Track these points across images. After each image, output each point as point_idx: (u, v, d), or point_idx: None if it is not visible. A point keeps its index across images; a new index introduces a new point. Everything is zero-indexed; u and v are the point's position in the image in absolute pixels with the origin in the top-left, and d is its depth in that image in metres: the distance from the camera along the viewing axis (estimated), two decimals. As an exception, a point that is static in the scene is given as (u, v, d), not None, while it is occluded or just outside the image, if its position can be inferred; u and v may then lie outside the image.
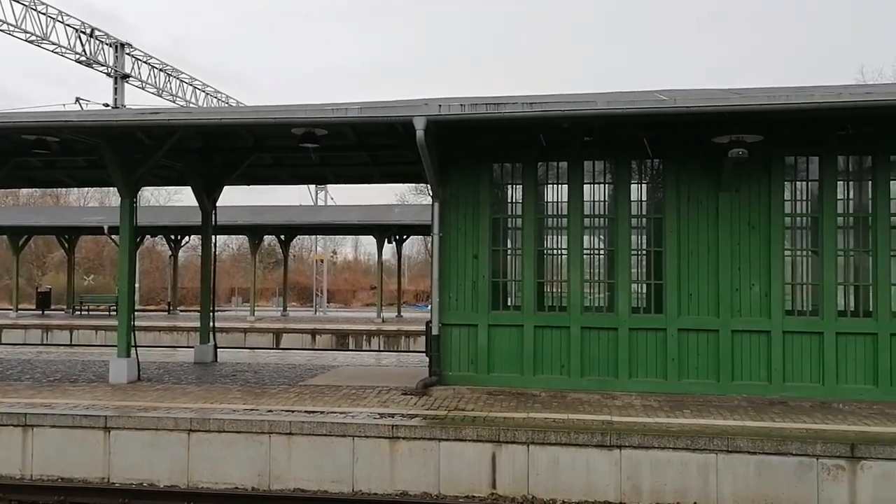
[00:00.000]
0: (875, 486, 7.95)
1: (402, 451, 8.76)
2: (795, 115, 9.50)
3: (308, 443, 8.91)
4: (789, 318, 10.72)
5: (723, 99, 9.51)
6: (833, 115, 9.67)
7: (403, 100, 11.25)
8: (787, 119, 10.01)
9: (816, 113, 9.36)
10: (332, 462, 8.84)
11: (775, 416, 9.53)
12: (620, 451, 8.45)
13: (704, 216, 10.92)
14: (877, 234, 10.49)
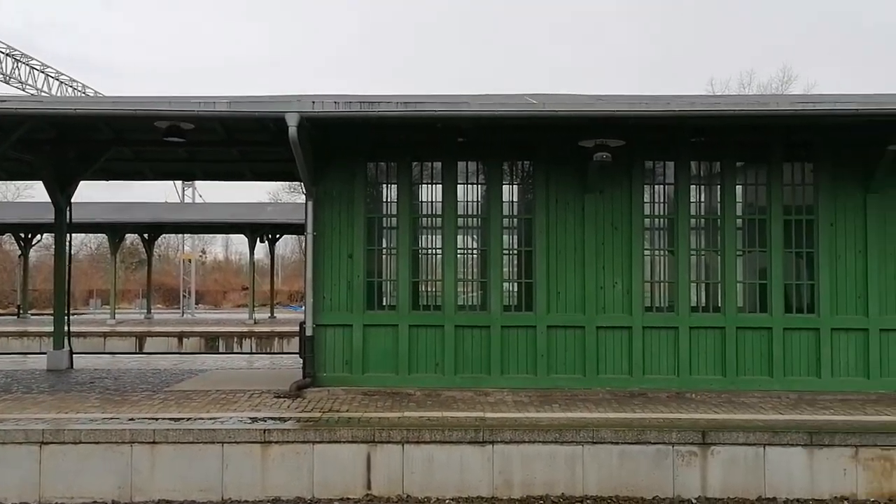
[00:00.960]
0: (723, 469, 8.56)
1: (275, 456, 8.55)
2: (653, 121, 10.07)
3: (173, 451, 8.52)
4: (648, 314, 11.35)
5: (588, 105, 9.94)
6: (686, 122, 10.32)
7: (275, 95, 11.00)
8: (646, 125, 10.57)
9: (672, 120, 9.96)
10: (199, 470, 8.50)
11: (636, 407, 10.05)
12: (493, 446, 8.63)
13: (572, 217, 11.35)
14: (724, 235, 11.29)
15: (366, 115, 9.89)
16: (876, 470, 8.50)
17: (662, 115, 9.69)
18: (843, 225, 11.17)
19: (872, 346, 10.99)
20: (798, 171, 11.38)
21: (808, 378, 11.06)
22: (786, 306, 11.23)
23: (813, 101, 10.06)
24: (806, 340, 11.12)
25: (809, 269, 11.33)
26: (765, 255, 11.32)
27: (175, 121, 10.33)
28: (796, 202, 11.35)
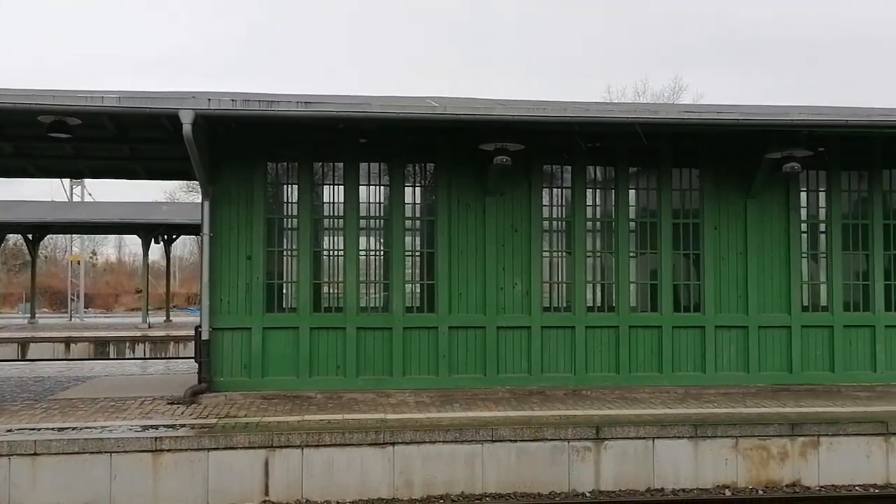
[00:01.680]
0: (615, 462, 8.89)
1: (167, 465, 8.26)
2: (551, 127, 10.35)
3: (57, 463, 8.09)
4: (547, 314, 11.65)
5: (488, 109, 10.11)
6: (582, 128, 10.66)
7: (169, 91, 10.62)
8: (544, 130, 10.84)
9: (568, 126, 10.27)
10: (85, 482, 8.10)
11: (534, 405, 10.30)
12: (394, 447, 8.64)
13: (473, 219, 11.52)
14: (618, 237, 11.73)
15: (264, 115, 9.70)
16: (754, 459, 9.03)
17: (559, 121, 9.97)
18: (727, 228, 11.83)
19: (752, 342, 11.68)
20: (686, 176, 11.96)
21: (695, 374, 11.64)
22: (674, 305, 11.78)
23: (698, 111, 10.62)
24: (693, 338, 11.69)
25: (696, 270, 11.93)
26: (656, 257, 11.84)
27: (60, 115, 9.80)
28: (684, 206, 11.93)
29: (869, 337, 11.83)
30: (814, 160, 11.25)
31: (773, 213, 11.84)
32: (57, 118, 9.86)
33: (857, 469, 9.06)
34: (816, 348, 11.79)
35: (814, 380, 11.68)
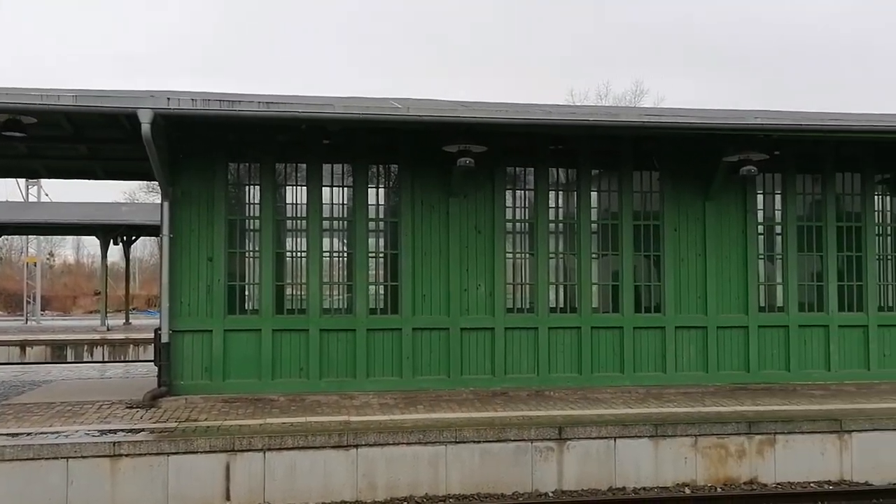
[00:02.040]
0: (578, 462, 8.98)
1: (126, 470, 8.11)
2: (514, 129, 10.41)
3: (10, 469, 7.89)
4: (510, 315, 11.71)
5: (452, 111, 10.13)
6: (544, 130, 10.75)
7: (127, 90, 10.45)
8: (507, 132, 10.90)
9: (531, 128, 10.34)
10: (41, 489, 7.92)
11: (498, 406, 10.34)
12: (357, 450, 8.61)
13: (437, 220, 11.53)
14: (580, 239, 11.84)
15: (225, 115, 9.59)
16: (713, 457, 9.19)
17: (521, 123, 10.04)
18: (686, 230, 12.02)
19: (711, 342, 11.88)
20: (646, 179, 12.12)
21: (656, 373, 11.80)
22: (636, 306, 11.92)
23: (657, 115, 10.78)
24: (653, 338, 11.85)
25: (657, 272, 12.10)
26: (617, 258, 11.98)
27: (14, 114, 9.56)
28: (645, 208, 12.10)
29: (823, 337, 12.12)
30: (770, 163, 11.50)
31: (730, 215, 12.07)
32: (11, 117, 9.63)
33: (811, 466, 9.27)
34: (773, 348, 12.04)
35: (770, 379, 11.92)
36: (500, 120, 9.95)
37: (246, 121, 10.03)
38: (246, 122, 10.15)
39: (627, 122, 10.41)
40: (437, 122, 9.90)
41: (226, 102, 9.57)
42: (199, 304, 10.91)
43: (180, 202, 10.84)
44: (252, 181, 11.34)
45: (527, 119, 9.92)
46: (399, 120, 9.88)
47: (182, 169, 10.84)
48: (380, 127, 10.66)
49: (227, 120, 10.05)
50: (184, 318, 10.81)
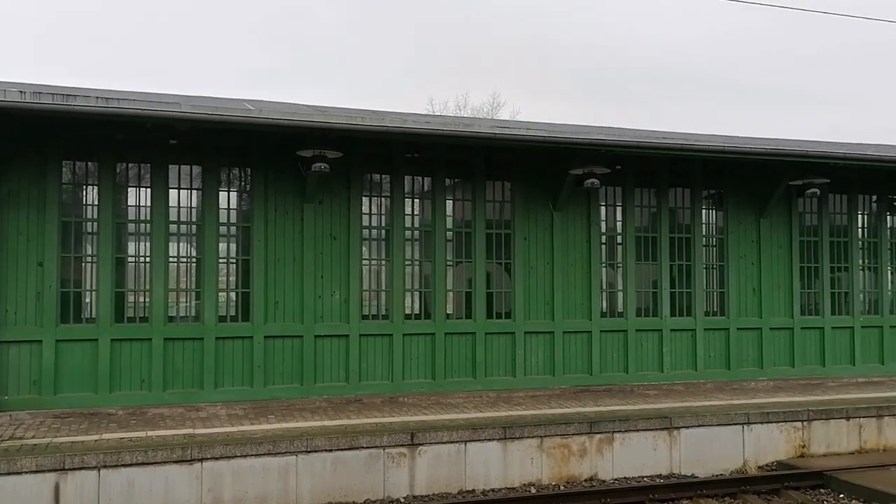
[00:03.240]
0: (429, 467, 9.09)
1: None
2: (369, 136, 10.40)
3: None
4: (366, 322, 11.69)
5: (306, 115, 9.99)
6: (400, 138, 10.83)
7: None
8: (363, 139, 10.89)
9: (386, 136, 10.39)
10: None
11: (351, 413, 10.28)
12: (202, 464, 8.27)
13: (291, 226, 11.32)
14: (436, 247, 12.03)
15: (57, 109, 8.88)
16: (557, 457, 9.60)
17: (377, 130, 10.06)
18: (535, 239, 12.51)
19: (557, 347, 12.42)
20: (498, 189, 12.52)
21: (506, 378, 12.18)
22: (488, 313, 12.25)
23: (508, 127, 11.17)
24: (504, 343, 12.24)
25: (508, 279, 12.50)
26: (471, 266, 12.27)
27: None
28: (497, 217, 12.48)
29: (657, 340, 12.99)
30: (612, 177, 12.22)
31: (576, 226, 12.70)
32: None
33: (645, 461, 9.90)
34: (613, 351, 12.77)
35: (611, 380, 12.63)
36: (354, 126, 9.92)
37: (82, 117, 9.37)
38: (83, 118, 9.49)
39: (480, 134, 10.71)
40: (291, 126, 9.72)
41: (59, 97, 8.91)
42: (27, 312, 10.09)
43: (7, 202, 10.00)
44: (90, 181, 10.63)
45: (381, 126, 9.95)
46: (250, 122, 9.61)
47: (9, 167, 10.01)
48: (231, 129, 10.32)
49: (62, 115, 9.35)
50: (9, 328, 9.96)
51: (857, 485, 9.13)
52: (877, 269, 14.41)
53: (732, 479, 9.58)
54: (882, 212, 14.49)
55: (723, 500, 9.03)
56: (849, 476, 9.41)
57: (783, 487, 9.34)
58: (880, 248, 14.41)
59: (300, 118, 9.74)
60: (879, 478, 9.35)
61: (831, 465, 9.97)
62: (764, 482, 9.45)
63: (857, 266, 14.20)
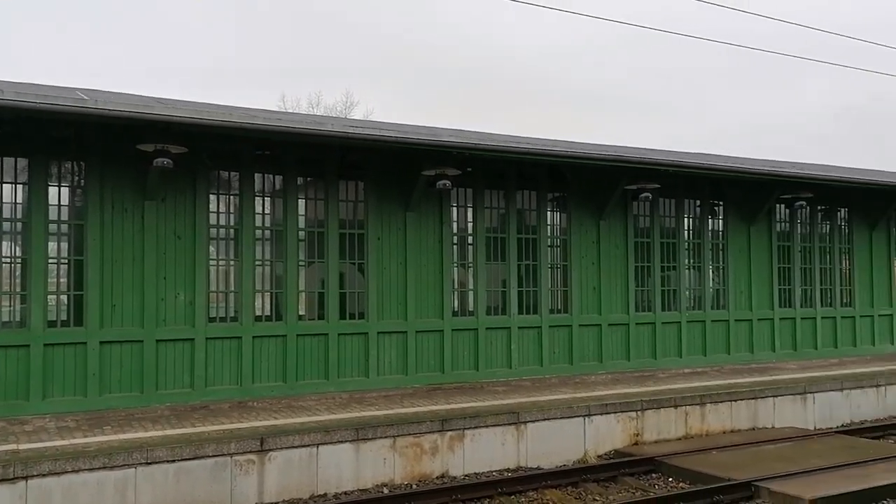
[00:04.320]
0: (280, 473, 8.88)
1: None
2: (217, 131, 9.98)
3: None
4: (213, 324, 11.25)
5: (145, 107, 9.44)
6: (249, 135, 10.48)
7: None
8: (210, 134, 10.42)
9: (234, 132, 10.03)
10: None
11: (196, 421, 9.84)
12: (27, 482, 7.62)
13: (130, 225, 10.68)
14: (287, 246, 11.78)
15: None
16: (409, 455, 9.69)
17: (225, 126, 9.69)
18: (388, 239, 12.56)
19: (410, 346, 12.54)
20: (352, 188, 12.45)
21: (359, 378, 12.15)
22: (341, 313, 12.16)
23: (360, 127, 11.12)
24: (357, 344, 12.19)
25: (361, 279, 12.47)
26: (323, 266, 12.12)
27: None
28: (350, 217, 12.41)
29: (506, 337, 13.44)
30: (463, 179, 12.49)
31: (429, 226, 12.87)
32: None
33: (494, 456, 10.21)
34: (464, 349, 13.06)
35: (462, 378, 12.92)
36: (199, 121, 9.48)
37: None
38: None
39: (332, 133, 10.57)
40: (128, 118, 9.15)
41: None
42: None
43: None
44: None
45: (229, 122, 9.59)
46: (83, 113, 8.95)
47: None
48: (62, 119, 9.57)
49: None
50: None
51: (684, 468, 9.90)
52: (700, 268, 15.68)
53: (574, 468, 10.08)
54: (705, 215, 15.79)
55: (565, 489, 9.48)
56: (676, 460, 10.18)
57: (619, 474, 9.95)
58: (703, 248, 15.70)
59: (139, 110, 9.19)
60: (703, 460, 10.18)
61: (662, 451, 10.73)
62: (602, 470, 10.03)
63: (683, 265, 15.38)
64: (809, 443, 11.23)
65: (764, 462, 9.99)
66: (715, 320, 15.61)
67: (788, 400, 12.78)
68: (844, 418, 13.31)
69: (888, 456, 10.19)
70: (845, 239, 17.58)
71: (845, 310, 17.36)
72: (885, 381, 14.06)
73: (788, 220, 16.79)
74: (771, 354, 16.17)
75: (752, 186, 15.49)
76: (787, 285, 16.60)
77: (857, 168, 18.41)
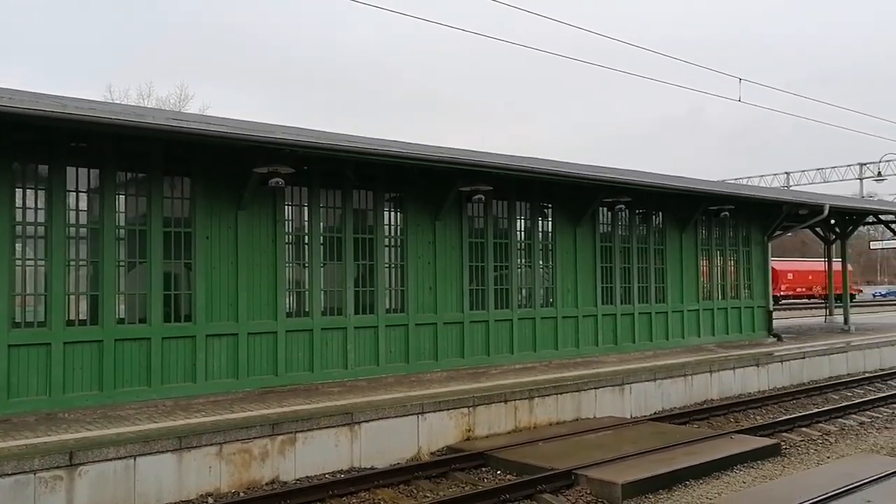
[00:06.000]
0: (92, 488, 8.25)
1: None
2: (21, 120, 9.09)
3: None
4: (17, 330, 10.36)
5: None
6: (59, 125, 9.63)
7: None
8: (13, 123, 9.46)
9: (44, 121, 9.20)
10: None
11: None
12: None
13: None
14: (104, 246, 10.99)
15: None
16: (237, 463, 9.34)
17: (29, 114, 8.82)
18: (218, 238, 12.06)
19: (241, 349, 12.12)
20: (178, 184, 11.84)
21: (186, 384, 11.58)
22: (165, 316, 11.52)
23: (187, 120, 10.57)
24: (183, 348, 11.61)
25: (189, 279, 11.88)
26: (146, 266, 11.42)
27: None
28: (176, 215, 11.79)
29: (342, 338, 13.31)
30: (299, 177, 12.25)
31: (262, 225, 12.50)
32: None
33: (327, 458, 10.07)
34: (299, 351, 12.80)
35: (297, 380, 12.65)
36: (1, 108, 8.61)
37: None
38: None
39: (155, 126, 9.95)
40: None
41: None
42: None
43: None
44: None
45: (34, 110, 8.76)
46: None
47: None
48: None
49: None
50: None
51: (511, 460, 10.27)
52: (531, 268, 16.36)
53: (407, 467, 10.17)
54: (535, 217, 16.49)
55: (397, 487, 9.53)
56: (505, 454, 10.54)
57: (451, 470, 10.15)
58: (533, 249, 16.39)
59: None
60: (530, 452, 10.61)
61: (492, 445, 11.08)
62: (434, 467, 10.19)
63: (515, 265, 15.97)
64: (625, 430, 12.02)
65: (585, 451, 10.57)
66: (544, 317, 16.33)
67: (608, 391, 13.62)
68: (657, 406, 14.38)
69: (690, 440, 11.11)
70: (659, 240, 19.01)
71: (659, 306, 18.77)
72: (692, 371, 15.35)
73: (610, 222, 17.89)
74: (595, 349, 17.16)
75: (578, 190, 16.37)
76: (609, 283, 17.69)
77: (670, 175, 19.95)
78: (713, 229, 20.32)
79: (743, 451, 10.55)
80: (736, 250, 21.01)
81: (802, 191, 37.86)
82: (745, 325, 21.03)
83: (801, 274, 58.77)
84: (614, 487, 8.90)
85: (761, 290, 21.59)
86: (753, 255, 21.42)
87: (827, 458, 10.92)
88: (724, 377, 15.96)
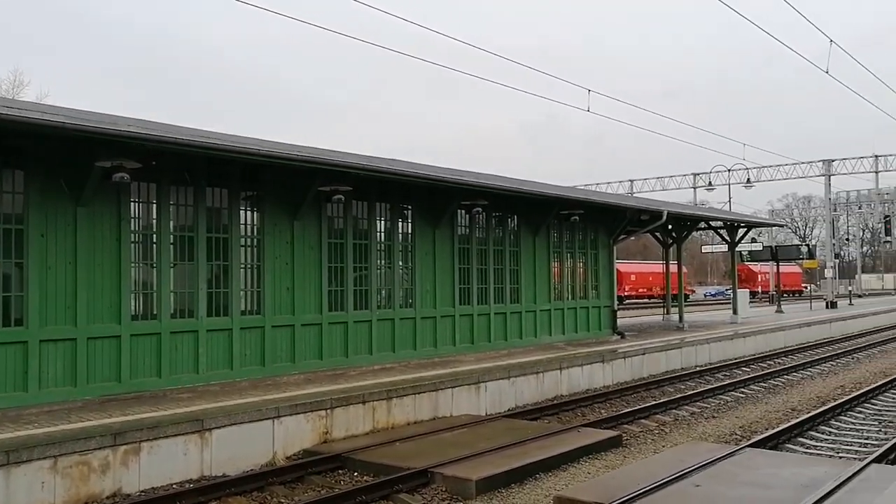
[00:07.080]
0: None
1: None
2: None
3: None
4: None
5: None
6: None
7: None
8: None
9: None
10: None
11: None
12: None
13: None
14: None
15: None
16: (74, 476, 8.72)
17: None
18: (55, 236, 11.23)
19: (80, 354, 11.34)
20: (9, 178, 10.91)
21: (16, 394, 10.70)
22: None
23: (18, 108, 9.76)
24: (13, 354, 10.72)
25: (21, 280, 10.96)
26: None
27: None
28: (7, 210, 10.86)
29: (193, 341, 12.76)
30: (147, 173, 11.62)
31: (104, 223, 11.75)
32: None
33: (175, 468, 9.61)
34: (146, 355, 12.15)
35: (143, 386, 12.00)
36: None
37: None
38: None
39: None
40: None
41: None
42: None
43: None
44: None
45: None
46: None
47: None
48: None
49: None
50: None
51: (369, 462, 10.26)
52: (390, 268, 16.42)
53: (261, 472, 9.88)
54: (395, 218, 16.56)
55: (251, 495, 9.26)
56: (363, 455, 10.51)
57: (307, 474, 9.99)
58: (393, 250, 16.46)
59: None
60: (387, 453, 10.65)
61: (350, 446, 11.00)
62: (290, 472, 9.99)
63: (375, 266, 15.97)
64: (480, 428, 12.33)
65: (441, 449, 10.74)
66: (403, 318, 16.44)
67: (465, 390, 13.93)
68: (511, 403, 14.87)
69: (541, 435, 11.58)
70: (514, 242, 19.66)
71: (514, 306, 19.41)
72: (543, 369, 16.00)
73: (468, 224, 18.30)
74: (452, 348, 17.48)
75: (437, 192, 16.62)
76: (467, 284, 18.09)
77: (525, 180, 20.72)
78: (564, 233, 21.28)
79: (588, 444, 11.13)
80: (585, 253, 22.12)
81: (644, 198, 40.56)
82: (593, 323, 22.18)
83: (642, 275, 62.92)
84: (468, 484, 9.11)
85: (607, 290, 22.85)
86: (600, 258, 22.63)
87: (662, 447, 11.72)
88: (573, 374, 16.75)
